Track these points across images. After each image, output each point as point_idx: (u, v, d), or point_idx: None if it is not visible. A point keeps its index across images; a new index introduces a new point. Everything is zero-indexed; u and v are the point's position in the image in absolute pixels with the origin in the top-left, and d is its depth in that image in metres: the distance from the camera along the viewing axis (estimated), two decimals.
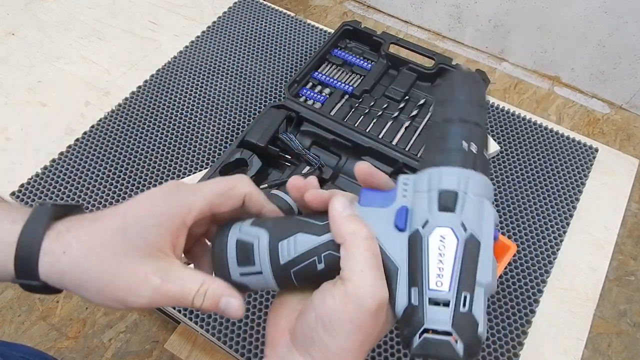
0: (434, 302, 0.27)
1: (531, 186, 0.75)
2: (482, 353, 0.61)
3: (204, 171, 0.74)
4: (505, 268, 0.64)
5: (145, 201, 0.32)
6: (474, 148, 0.30)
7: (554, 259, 0.69)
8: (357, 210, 0.32)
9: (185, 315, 0.63)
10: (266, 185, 0.71)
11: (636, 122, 1.77)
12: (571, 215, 0.72)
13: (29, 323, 1.26)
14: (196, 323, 0.63)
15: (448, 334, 0.27)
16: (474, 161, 0.30)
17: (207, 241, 0.38)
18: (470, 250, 0.28)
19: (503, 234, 0.70)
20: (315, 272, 0.31)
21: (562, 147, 0.80)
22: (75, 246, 0.30)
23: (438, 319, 0.27)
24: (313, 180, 0.34)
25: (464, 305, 0.27)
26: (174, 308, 0.63)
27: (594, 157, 0.79)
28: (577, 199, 0.74)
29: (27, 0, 0.99)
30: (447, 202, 0.29)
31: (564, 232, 0.71)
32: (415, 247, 0.29)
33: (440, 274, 0.28)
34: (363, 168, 0.33)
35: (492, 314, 0.64)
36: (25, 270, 0.30)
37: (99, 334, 1.24)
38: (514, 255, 0.68)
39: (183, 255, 0.37)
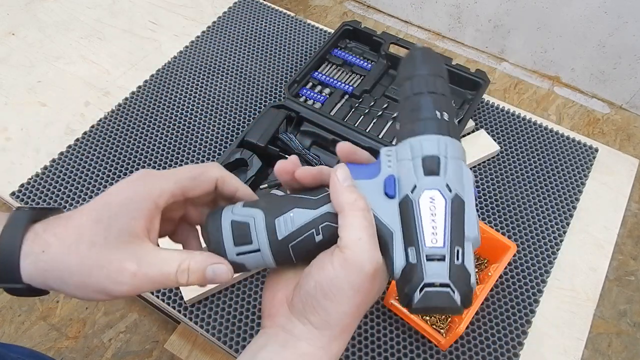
0: (431, 258, 0.30)
1: (531, 186, 0.75)
2: (482, 353, 0.61)
3: None
4: (505, 268, 0.64)
5: (114, 191, 0.32)
6: (445, 116, 0.32)
7: (554, 259, 0.69)
8: None
9: (185, 315, 0.63)
10: (266, 185, 0.71)
11: (636, 122, 1.77)
12: (571, 215, 0.72)
13: (29, 323, 1.26)
14: (196, 323, 0.63)
15: (446, 285, 0.29)
16: (448, 128, 0.32)
17: (188, 224, 0.39)
18: (457, 209, 0.30)
19: (503, 234, 0.70)
20: (313, 244, 0.32)
21: (562, 147, 0.80)
22: (53, 244, 0.30)
23: (436, 273, 0.29)
24: (296, 159, 0.35)
25: (458, 258, 0.30)
26: (174, 308, 0.63)
27: (594, 157, 0.79)
28: (577, 199, 0.74)
29: (27, 0, 0.99)
30: (431, 166, 0.31)
31: (564, 232, 0.71)
32: (408, 211, 0.31)
33: (434, 232, 0.30)
34: (345, 147, 0.35)
35: (492, 314, 0.64)
36: (8, 274, 0.30)
37: (99, 334, 1.24)
38: (514, 255, 0.68)
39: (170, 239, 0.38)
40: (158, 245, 0.33)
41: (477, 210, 0.73)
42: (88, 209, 0.32)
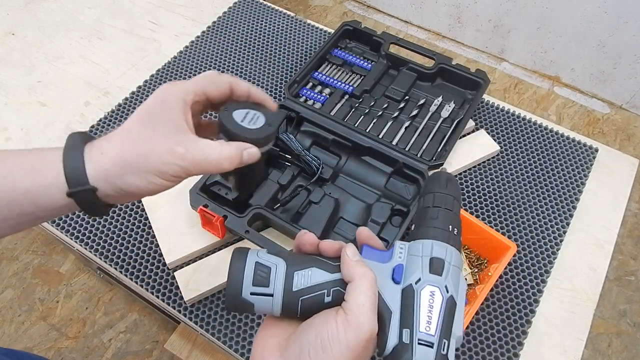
0: (422, 343, 0.34)
1: (531, 186, 0.75)
2: (482, 353, 0.61)
3: None
4: (505, 268, 0.64)
5: (149, 100, 0.39)
6: (455, 231, 0.39)
7: (554, 259, 0.69)
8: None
9: (185, 315, 0.63)
10: None
11: (636, 122, 1.77)
12: (571, 215, 0.72)
13: (29, 323, 1.26)
14: (196, 323, 0.63)
15: None
16: (455, 241, 0.38)
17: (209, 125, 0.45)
18: (450, 308, 0.35)
19: (503, 234, 0.70)
20: (321, 304, 0.36)
21: (562, 147, 0.80)
22: (108, 147, 0.37)
23: (424, 356, 0.34)
24: (313, 236, 0.40)
25: (444, 349, 0.34)
26: (174, 308, 0.64)
27: (594, 157, 0.79)
28: (577, 199, 0.74)
29: (27, 0, 0.99)
30: (437, 267, 0.36)
31: (564, 232, 0.71)
32: (409, 297, 0.36)
33: (429, 321, 0.35)
34: (364, 232, 0.40)
35: (492, 314, 0.64)
36: (77, 178, 0.36)
37: (99, 334, 1.24)
38: (514, 255, 0.68)
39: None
40: None
41: (477, 211, 0.73)
42: (132, 117, 0.38)
